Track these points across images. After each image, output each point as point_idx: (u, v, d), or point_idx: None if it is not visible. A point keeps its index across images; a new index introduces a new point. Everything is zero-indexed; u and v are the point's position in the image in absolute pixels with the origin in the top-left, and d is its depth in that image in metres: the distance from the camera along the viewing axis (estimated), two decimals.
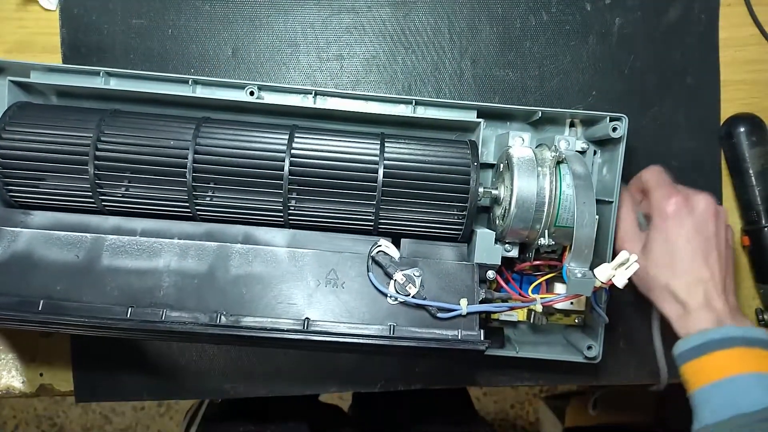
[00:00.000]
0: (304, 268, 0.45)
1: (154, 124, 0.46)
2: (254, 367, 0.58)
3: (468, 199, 0.46)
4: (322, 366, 0.58)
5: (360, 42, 0.57)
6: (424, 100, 0.49)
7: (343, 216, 0.47)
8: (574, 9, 0.57)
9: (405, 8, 0.57)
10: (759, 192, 0.56)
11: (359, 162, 0.46)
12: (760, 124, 0.56)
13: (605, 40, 0.58)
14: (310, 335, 0.42)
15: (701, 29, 0.58)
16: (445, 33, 0.57)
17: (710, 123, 0.58)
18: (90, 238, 0.45)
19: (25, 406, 1.44)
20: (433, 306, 0.44)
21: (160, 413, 1.45)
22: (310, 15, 0.57)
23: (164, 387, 0.58)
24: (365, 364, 0.58)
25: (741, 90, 0.59)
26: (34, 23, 0.56)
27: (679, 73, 0.58)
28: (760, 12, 0.58)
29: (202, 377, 0.58)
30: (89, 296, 0.43)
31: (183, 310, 0.43)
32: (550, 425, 1.28)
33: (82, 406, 1.44)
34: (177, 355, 0.57)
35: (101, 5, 0.56)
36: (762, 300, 0.58)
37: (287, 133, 0.46)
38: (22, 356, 0.58)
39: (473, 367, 0.58)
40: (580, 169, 0.44)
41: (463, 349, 0.43)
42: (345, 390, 0.58)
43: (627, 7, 0.58)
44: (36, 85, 0.49)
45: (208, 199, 0.46)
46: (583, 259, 0.42)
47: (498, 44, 0.57)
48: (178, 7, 0.56)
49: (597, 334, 0.51)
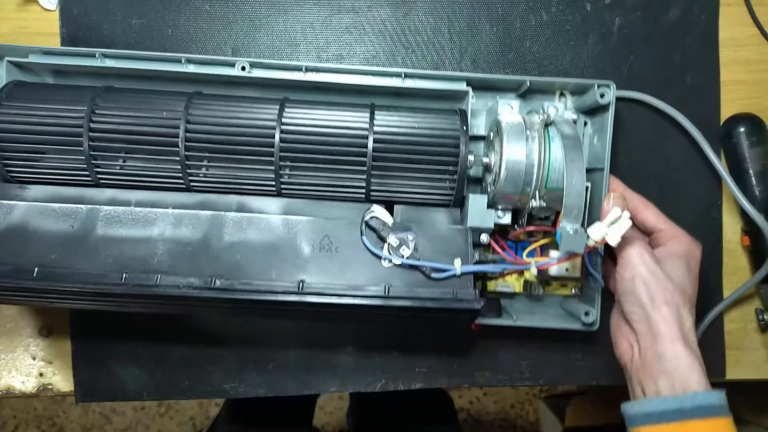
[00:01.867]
0: (297, 234, 0.45)
1: (146, 99, 0.47)
2: (254, 367, 0.58)
3: (458, 163, 0.46)
4: (322, 366, 0.58)
5: (360, 42, 0.57)
6: (414, 72, 0.49)
7: (335, 185, 0.47)
8: (574, 9, 0.58)
9: (405, 8, 0.57)
10: (759, 192, 0.56)
11: (349, 132, 0.46)
12: (760, 124, 0.56)
13: (605, 40, 0.58)
14: (305, 297, 0.42)
15: (701, 29, 0.58)
16: (445, 33, 0.57)
17: (710, 123, 0.58)
18: (85, 209, 0.45)
19: (25, 406, 1.44)
20: (427, 267, 0.44)
21: (160, 413, 1.45)
22: (310, 15, 0.57)
23: (164, 387, 0.58)
24: (365, 364, 0.58)
25: (741, 90, 0.59)
26: (34, 23, 0.56)
27: (679, 73, 0.58)
28: (760, 12, 0.58)
29: (202, 377, 0.58)
30: (84, 264, 0.43)
31: (177, 275, 0.43)
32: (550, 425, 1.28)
33: (82, 406, 1.44)
34: (177, 356, 0.57)
35: (101, 5, 0.56)
36: (762, 300, 0.58)
37: (277, 105, 0.47)
38: (22, 356, 0.58)
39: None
40: (569, 131, 0.45)
41: (459, 308, 0.43)
42: (345, 390, 0.58)
43: (627, 7, 0.58)
44: (32, 66, 0.50)
45: (203, 171, 0.47)
46: (574, 216, 0.43)
47: (498, 44, 0.57)
48: (178, 7, 0.56)
49: (593, 300, 0.51)
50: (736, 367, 0.59)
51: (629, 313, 0.45)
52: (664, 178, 0.58)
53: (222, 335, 0.58)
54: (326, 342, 0.58)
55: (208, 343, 0.58)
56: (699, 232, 0.59)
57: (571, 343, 0.58)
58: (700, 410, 0.41)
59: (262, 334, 0.58)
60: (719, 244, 0.59)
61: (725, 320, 0.59)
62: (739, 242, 0.58)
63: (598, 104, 0.49)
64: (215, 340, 0.58)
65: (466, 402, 1.47)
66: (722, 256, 0.59)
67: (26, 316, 0.58)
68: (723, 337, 0.59)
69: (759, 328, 0.59)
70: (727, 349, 0.59)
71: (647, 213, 0.49)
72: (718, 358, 0.58)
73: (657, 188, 0.58)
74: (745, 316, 0.59)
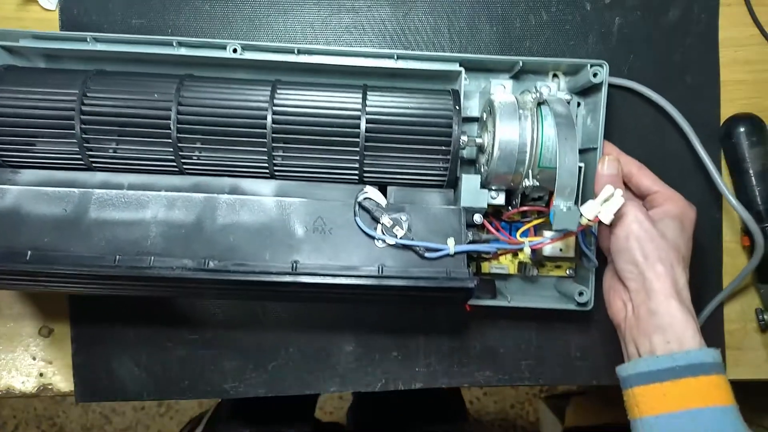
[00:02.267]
0: (291, 216, 0.45)
1: (138, 82, 0.47)
2: (254, 367, 0.58)
3: (451, 143, 0.46)
4: (322, 366, 0.58)
5: (360, 42, 0.57)
6: (406, 54, 0.49)
7: (328, 167, 0.47)
8: (574, 9, 0.58)
9: (405, 8, 0.57)
10: (759, 192, 0.56)
11: (342, 113, 0.46)
12: (760, 124, 0.56)
13: (605, 39, 0.58)
14: (298, 277, 0.42)
15: (701, 29, 0.58)
16: (445, 32, 0.57)
17: (710, 123, 0.58)
18: (78, 193, 0.45)
19: (25, 406, 1.44)
20: (420, 246, 0.44)
21: (160, 413, 1.45)
22: (310, 15, 0.57)
23: (164, 387, 0.58)
24: (365, 364, 0.58)
25: (741, 90, 0.59)
26: (34, 23, 0.56)
27: (679, 73, 0.58)
28: (760, 12, 0.58)
29: (202, 377, 0.58)
30: (77, 247, 0.44)
31: (171, 257, 0.43)
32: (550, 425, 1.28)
33: (82, 406, 1.44)
34: (177, 356, 0.57)
35: (101, 5, 0.56)
36: (762, 300, 0.58)
37: (269, 87, 0.47)
38: (22, 356, 0.58)
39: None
40: (561, 109, 0.45)
41: (452, 287, 0.43)
42: (345, 390, 0.58)
43: (627, 7, 0.58)
44: (24, 50, 0.50)
45: (196, 153, 0.47)
46: (567, 194, 0.43)
47: (498, 44, 0.57)
48: (178, 7, 0.56)
49: (588, 280, 0.51)
50: (736, 367, 0.59)
51: (622, 271, 0.44)
52: (664, 178, 0.58)
53: (222, 335, 0.58)
54: (326, 342, 0.58)
55: (208, 343, 0.58)
56: (699, 231, 0.59)
57: (569, 340, 0.58)
58: (693, 368, 0.40)
59: (263, 334, 0.58)
60: (719, 244, 0.59)
61: (725, 320, 0.59)
62: (739, 242, 0.58)
63: (591, 83, 0.49)
64: (215, 340, 0.58)
65: (466, 402, 1.47)
66: (722, 256, 0.59)
67: (26, 316, 0.58)
68: (723, 337, 0.59)
69: (759, 328, 0.59)
70: (727, 349, 0.59)
71: (641, 176, 0.49)
72: None
73: None
74: (745, 316, 0.59)
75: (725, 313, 0.59)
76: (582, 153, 0.52)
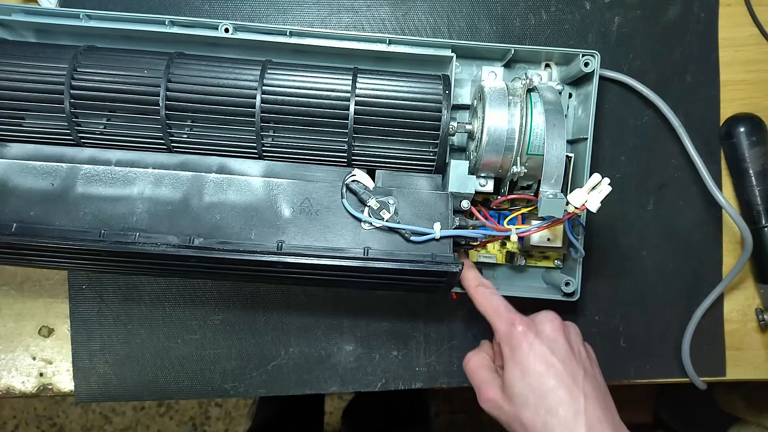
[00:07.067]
0: (278, 196, 0.45)
1: (128, 58, 0.46)
2: (254, 367, 0.58)
3: (440, 128, 0.46)
4: (322, 366, 0.58)
5: None
6: (399, 38, 0.49)
7: (316, 148, 0.47)
8: (574, 8, 0.57)
9: (404, 7, 0.57)
10: (759, 192, 0.56)
11: (331, 95, 0.46)
12: (760, 124, 0.56)
13: (604, 39, 0.58)
14: (283, 257, 0.42)
15: (701, 29, 0.58)
16: (445, 32, 0.57)
17: (710, 123, 0.58)
18: (65, 168, 0.46)
19: (25, 406, 1.44)
20: (406, 230, 0.44)
21: (160, 413, 1.45)
22: (310, 14, 0.57)
23: (164, 387, 0.58)
24: (365, 364, 0.58)
25: (741, 90, 0.58)
26: None
27: (679, 72, 0.58)
28: (760, 12, 0.58)
29: (202, 377, 0.58)
30: (63, 221, 0.44)
31: (156, 233, 0.43)
32: None
33: (82, 406, 1.44)
34: (177, 356, 0.57)
35: (101, 5, 0.56)
36: (762, 300, 0.58)
37: (259, 67, 0.46)
38: (22, 356, 0.58)
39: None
40: (550, 96, 0.45)
41: (437, 270, 0.43)
42: (345, 390, 0.58)
43: (626, 6, 0.58)
44: (14, 24, 0.50)
45: (185, 131, 0.47)
46: (554, 182, 0.43)
47: (497, 43, 0.57)
48: (177, 7, 0.56)
49: (574, 270, 0.51)
50: (736, 367, 0.59)
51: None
52: (663, 177, 0.58)
53: (221, 335, 0.58)
54: (326, 342, 0.58)
55: (207, 343, 0.58)
56: (699, 231, 0.59)
57: None
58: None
59: (263, 334, 0.58)
60: (719, 244, 0.59)
61: (725, 320, 0.59)
62: (739, 242, 0.58)
63: (583, 73, 0.49)
64: (215, 341, 0.58)
65: (466, 402, 1.47)
66: (722, 256, 0.59)
67: (26, 316, 0.58)
68: (723, 337, 0.59)
69: (759, 328, 0.59)
70: (727, 349, 0.58)
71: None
72: (718, 358, 0.58)
73: (656, 187, 0.58)
74: (745, 316, 0.59)
75: (725, 313, 0.59)
76: (572, 143, 0.52)
